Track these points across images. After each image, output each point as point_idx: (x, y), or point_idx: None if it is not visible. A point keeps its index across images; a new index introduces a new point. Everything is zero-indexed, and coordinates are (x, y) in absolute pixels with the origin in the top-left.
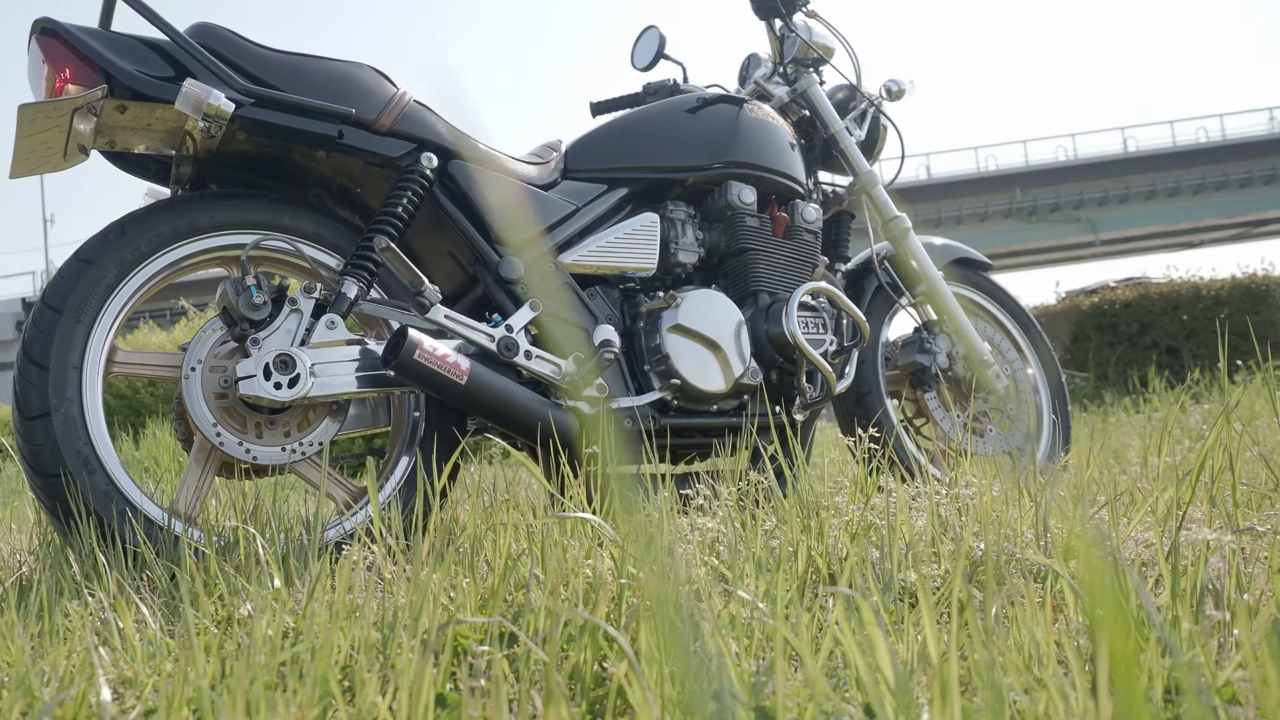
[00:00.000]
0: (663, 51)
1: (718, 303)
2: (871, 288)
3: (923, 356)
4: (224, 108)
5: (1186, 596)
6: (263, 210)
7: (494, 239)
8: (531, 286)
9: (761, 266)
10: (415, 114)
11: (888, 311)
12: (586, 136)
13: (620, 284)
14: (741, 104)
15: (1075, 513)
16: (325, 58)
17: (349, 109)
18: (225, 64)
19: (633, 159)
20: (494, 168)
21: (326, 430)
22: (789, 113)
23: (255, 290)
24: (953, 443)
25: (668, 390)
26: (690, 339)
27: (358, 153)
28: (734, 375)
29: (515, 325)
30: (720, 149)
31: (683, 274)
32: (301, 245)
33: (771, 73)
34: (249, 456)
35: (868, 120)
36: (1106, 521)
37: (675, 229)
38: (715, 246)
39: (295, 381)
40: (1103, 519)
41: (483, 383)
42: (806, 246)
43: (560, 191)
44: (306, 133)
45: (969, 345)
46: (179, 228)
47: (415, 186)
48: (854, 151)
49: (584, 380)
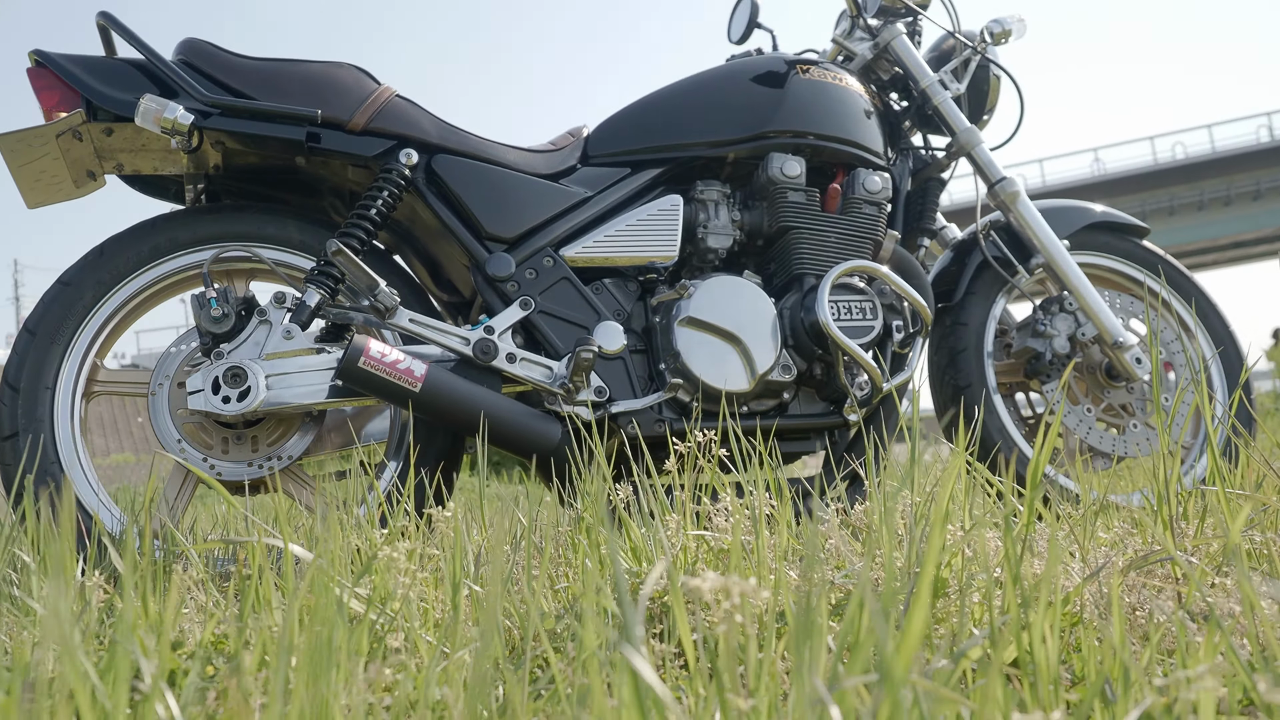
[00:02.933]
0: (755, 20)
1: (739, 290)
2: (974, 264)
3: (1036, 341)
4: (180, 120)
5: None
6: (244, 222)
7: (484, 235)
8: (524, 284)
9: (805, 247)
10: (395, 110)
11: (999, 290)
12: (610, 118)
13: (640, 275)
14: (793, 66)
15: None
16: (304, 61)
17: (314, 110)
18: (204, 77)
19: (660, 138)
20: (487, 160)
21: (298, 444)
22: (877, 71)
23: (214, 303)
24: (1086, 444)
25: (676, 390)
26: (705, 332)
27: (335, 154)
28: (758, 371)
29: (498, 327)
30: (761, 118)
31: (715, 260)
32: (279, 254)
33: (851, 28)
34: (213, 471)
35: (970, 71)
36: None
37: (706, 211)
38: (757, 228)
39: (245, 394)
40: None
41: (441, 390)
42: (866, 220)
43: (575, 179)
44: (274, 139)
45: (1099, 323)
46: (160, 245)
47: (390, 185)
48: (949, 107)
49: (578, 383)
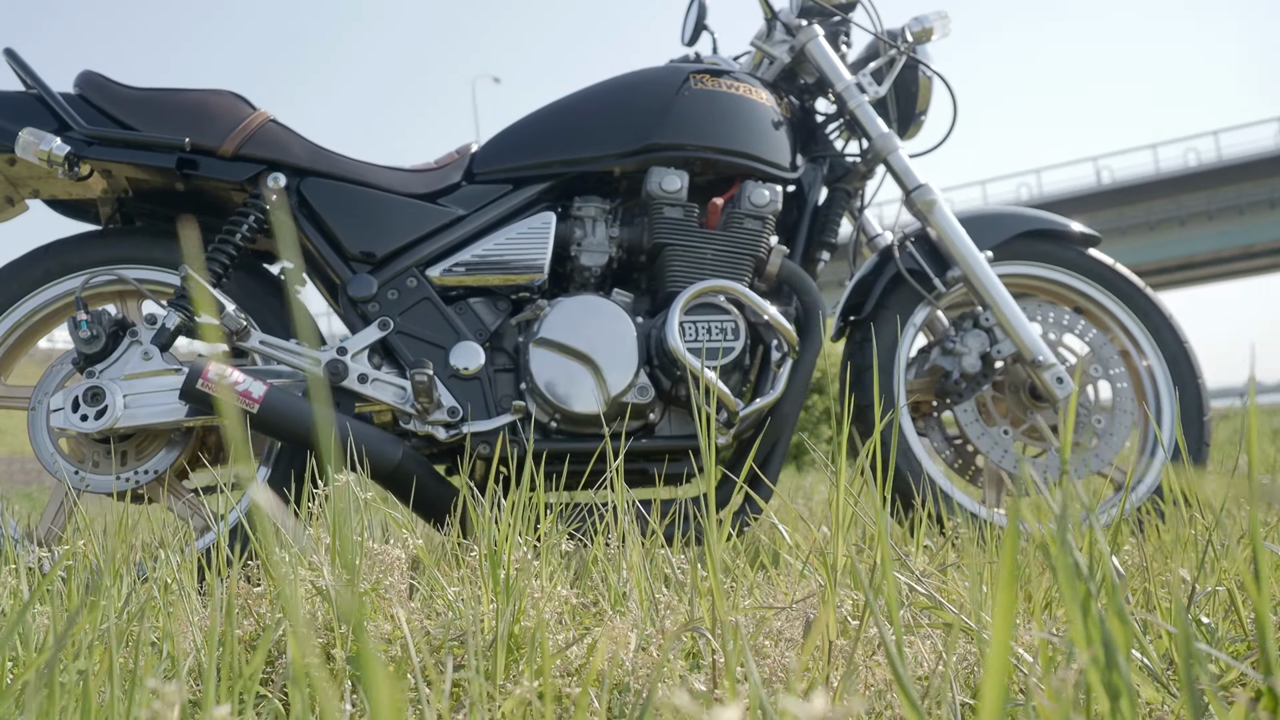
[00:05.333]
0: (703, 22)
1: (595, 310)
2: (888, 276)
3: (945, 359)
4: (56, 152)
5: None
6: (132, 245)
7: (349, 256)
8: (385, 304)
9: (678, 264)
10: (266, 135)
11: (916, 304)
12: (497, 135)
13: (514, 295)
14: (686, 76)
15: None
16: (183, 90)
17: (182, 139)
18: (94, 109)
19: (544, 154)
20: (356, 181)
21: (164, 458)
22: (802, 75)
23: (85, 325)
24: (1004, 469)
25: (522, 412)
26: (557, 353)
27: (209, 180)
28: (611, 393)
29: (352, 348)
30: (645, 131)
31: (591, 279)
32: (164, 275)
33: (769, 31)
34: (83, 484)
35: (894, 72)
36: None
37: (583, 228)
38: (637, 245)
39: (103, 413)
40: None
41: (279, 410)
42: (746, 236)
43: (455, 198)
44: (146, 166)
45: (1017, 340)
46: (51, 269)
47: (255, 210)
48: (865, 111)
49: (424, 405)
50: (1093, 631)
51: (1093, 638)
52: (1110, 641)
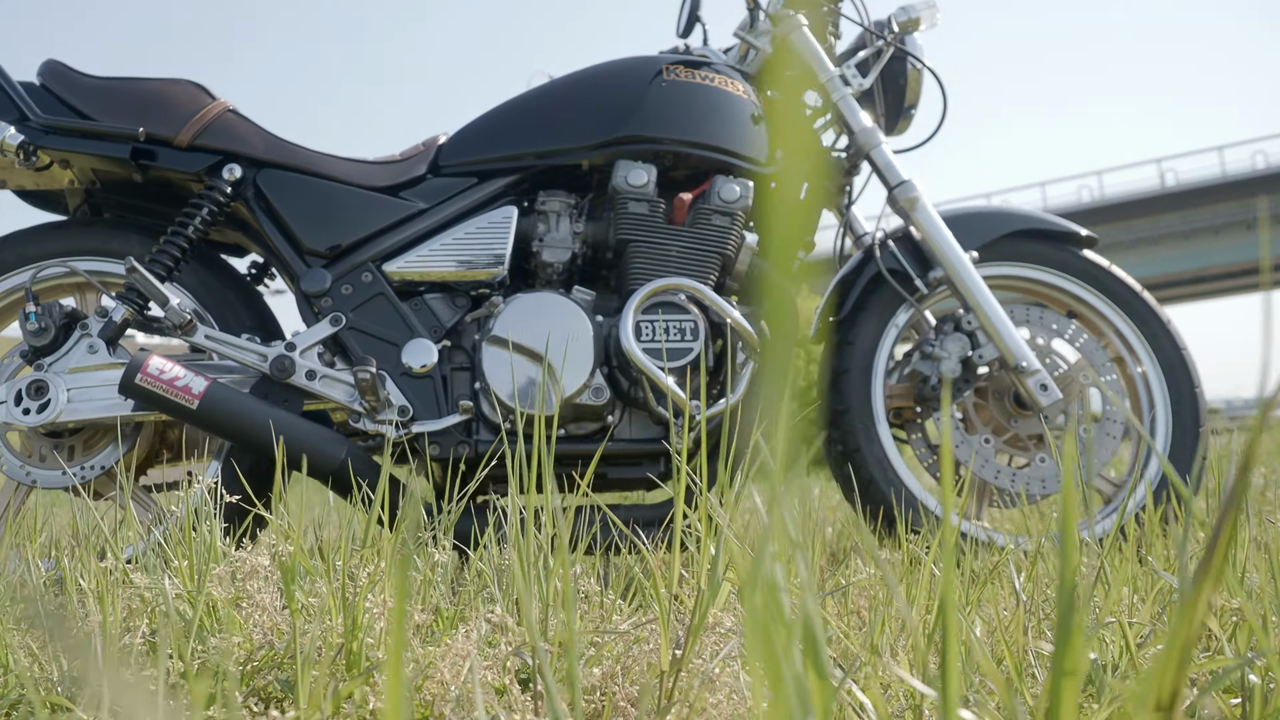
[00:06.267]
0: (696, 14)
1: (549, 308)
2: (867, 276)
3: (923, 364)
4: (9, 141)
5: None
6: (90, 237)
7: (304, 250)
8: (338, 299)
9: (641, 261)
10: (223, 125)
11: (898, 306)
12: (464, 127)
13: (473, 291)
14: (660, 67)
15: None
16: (143, 79)
17: (136, 129)
18: (54, 98)
19: (510, 146)
20: (314, 173)
21: (112, 453)
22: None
23: (33, 318)
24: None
25: (470, 412)
26: (510, 351)
27: (166, 170)
28: (564, 394)
29: (301, 344)
30: (612, 124)
31: (553, 275)
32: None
33: (752, 21)
34: (29, 479)
35: (880, 64)
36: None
37: (546, 223)
38: (602, 241)
39: (46, 406)
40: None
41: (219, 407)
42: (714, 232)
43: (418, 191)
44: (101, 156)
45: (1000, 344)
46: (6, 260)
47: (209, 202)
48: (847, 104)
49: (371, 403)
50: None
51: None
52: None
